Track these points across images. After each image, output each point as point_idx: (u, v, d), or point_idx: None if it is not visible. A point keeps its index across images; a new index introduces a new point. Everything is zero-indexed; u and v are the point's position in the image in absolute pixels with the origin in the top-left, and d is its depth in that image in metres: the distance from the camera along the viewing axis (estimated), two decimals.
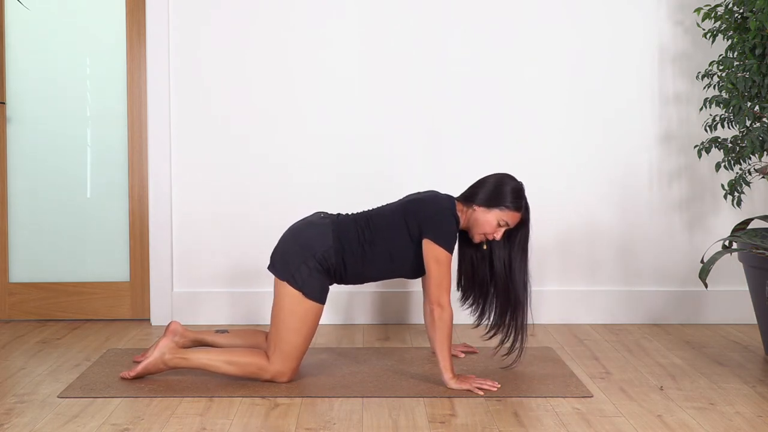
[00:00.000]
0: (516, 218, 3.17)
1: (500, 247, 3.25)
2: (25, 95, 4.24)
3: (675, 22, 4.16)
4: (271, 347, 3.12)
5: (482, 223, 3.16)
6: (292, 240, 3.16)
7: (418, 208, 3.13)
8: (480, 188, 3.20)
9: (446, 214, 3.09)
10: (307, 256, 3.10)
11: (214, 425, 2.70)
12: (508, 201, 3.15)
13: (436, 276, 3.07)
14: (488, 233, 3.17)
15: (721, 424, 2.70)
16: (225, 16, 4.16)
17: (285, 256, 3.14)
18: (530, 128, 4.18)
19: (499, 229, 3.16)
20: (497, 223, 3.15)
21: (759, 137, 3.40)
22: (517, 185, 3.19)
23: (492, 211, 3.15)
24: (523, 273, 3.24)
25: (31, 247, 4.28)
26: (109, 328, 4.11)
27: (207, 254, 4.21)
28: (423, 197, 3.17)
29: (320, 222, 3.18)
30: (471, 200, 3.19)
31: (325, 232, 3.14)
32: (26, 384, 3.16)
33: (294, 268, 3.10)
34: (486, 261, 3.30)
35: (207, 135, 4.18)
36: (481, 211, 3.16)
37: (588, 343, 3.78)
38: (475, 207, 3.17)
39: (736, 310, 4.16)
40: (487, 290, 3.34)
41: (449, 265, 3.08)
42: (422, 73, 4.16)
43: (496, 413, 2.81)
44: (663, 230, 4.21)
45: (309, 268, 3.09)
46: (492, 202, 3.15)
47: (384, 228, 3.15)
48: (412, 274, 3.23)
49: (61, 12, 4.24)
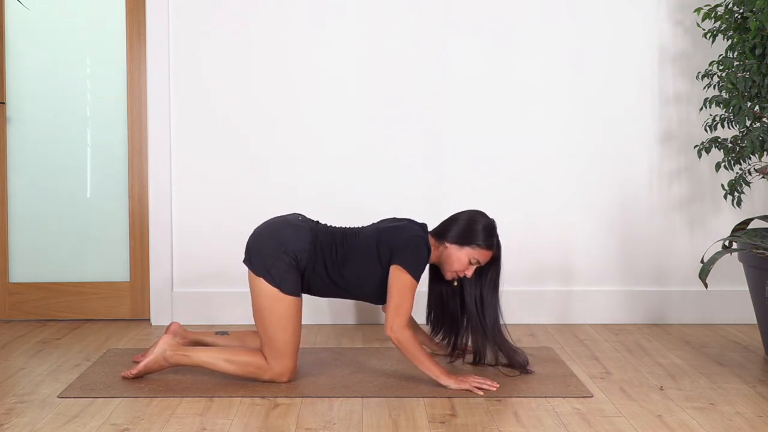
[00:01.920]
0: (487, 256, 3.17)
1: (471, 284, 3.22)
2: (25, 95, 4.24)
3: (675, 22, 4.16)
4: (265, 349, 3.13)
5: (454, 260, 3.15)
6: (268, 235, 3.15)
7: (391, 236, 3.11)
8: (452, 225, 3.19)
9: (419, 243, 3.08)
10: (282, 252, 3.09)
11: (214, 425, 2.70)
12: (480, 239, 3.14)
13: (397, 300, 3.03)
14: (459, 271, 3.16)
15: (721, 424, 2.70)
16: (225, 16, 4.16)
17: (261, 250, 3.12)
18: (530, 128, 4.18)
19: (470, 266, 3.16)
20: (468, 261, 3.15)
21: (759, 137, 3.40)
22: (489, 223, 3.18)
23: (464, 249, 3.15)
24: (494, 309, 3.22)
25: (31, 247, 4.28)
26: (109, 328, 4.11)
27: (207, 254, 4.21)
28: (398, 225, 3.17)
29: (299, 224, 3.19)
30: (443, 237, 3.18)
31: (302, 234, 3.14)
32: (26, 384, 3.16)
33: (270, 263, 3.09)
34: (457, 297, 3.29)
35: (207, 135, 4.18)
36: (453, 249, 3.15)
37: (588, 343, 3.78)
38: (447, 244, 3.16)
39: (736, 310, 4.16)
40: (458, 326, 3.33)
41: (413, 293, 3.06)
42: (422, 74, 4.16)
43: (496, 413, 2.81)
44: (663, 230, 4.21)
45: (285, 264, 3.08)
46: (464, 239, 3.15)
47: (357, 250, 3.14)
48: (377, 299, 3.22)
49: (61, 12, 4.24)
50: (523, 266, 4.20)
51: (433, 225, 4.16)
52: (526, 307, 4.19)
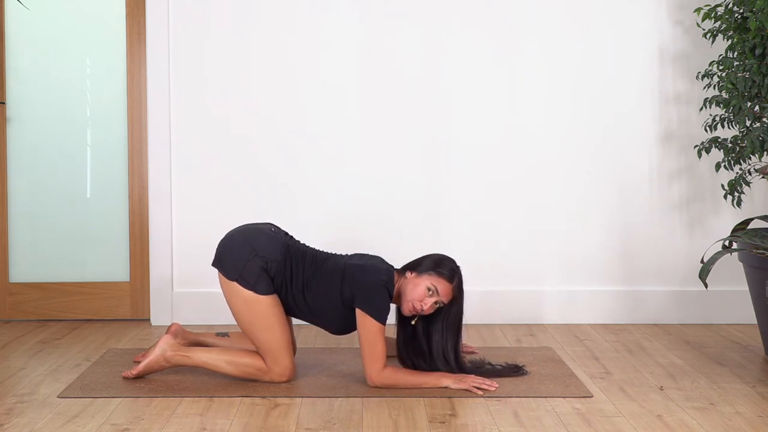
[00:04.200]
0: (447, 289, 3.07)
1: (434, 324, 3.13)
2: (25, 95, 4.24)
3: (675, 22, 4.16)
4: (260, 353, 3.13)
5: (411, 289, 3.05)
6: (241, 240, 3.15)
7: (356, 274, 3.07)
8: (420, 260, 3.15)
9: (379, 287, 3.03)
10: (255, 255, 3.08)
11: (214, 425, 2.70)
12: (444, 269, 3.08)
13: (369, 348, 3.01)
14: (416, 300, 3.04)
15: (721, 424, 2.70)
16: (225, 16, 4.15)
17: (233, 253, 3.11)
18: (530, 129, 4.18)
19: (428, 298, 3.05)
20: (426, 289, 3.05)
21: (759, 137, 3.40)
22: (455, 264, 3.13)
23: (423, 276, 3.07)
24: (455, 353, 3.13)
25: (31, 247, 4.28)
26: (109, 328, 4.11)
27: (207, 254, 4.19)
28: (364, 264, 3.11)
29: (272, 234, 3.18)
30: (407, 268, 3.14)
31: (276, 245, 3.14)
32: (26, 384, 3.16)
33: (242, 266, 3.08)
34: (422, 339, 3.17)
35: (207, 135, 4.18)
36: (413, 278, 3.08)
37: (588, 343, 3.78)
38: (407, 275, 3.11)
39: (736, 310, 4.16)
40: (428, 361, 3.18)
41: (382, 336, 3.03)
42: (422, 74, 4.16)
43: (496, 413, 2.81)
44: (663, 230, 4.20)
45: (258, 267, 3.07)
46: (425, 269, 3.09)
47: (322, 276, 3.12)
48: (336, 330, 3.21)
49: (61, 12, 4.24)
50: (523, 266, 4.20)
51: (433, 225, 4.17)
52: (526, 307, 4.19)
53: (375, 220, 4.17)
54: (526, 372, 3.23)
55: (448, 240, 4.14)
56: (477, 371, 3.15)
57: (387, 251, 3.86)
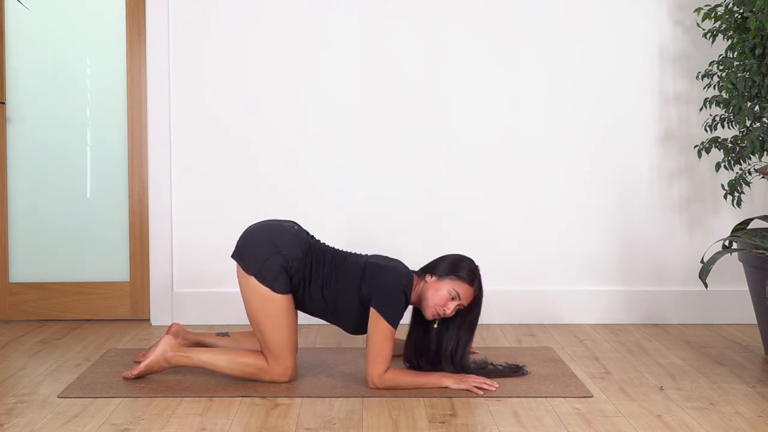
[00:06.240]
0: (469, 293, 3.08)
1: (450, 324, 3.14)
2: (25, 95, 4.24)
3: (675, 22, 4.16)
4: (264, 351, 3.13)
5: (432, 294, 3.05)
6: (264, 236, 3.14)
7: (375, 273, 3.07)
8: (437, 262, 3.15)
9: (397, 290, 3.02)
10: (276, 252, 3.08)
11: (214, 425, 2.70)
12: (463, 272, 3.07)
13: (377, 349, 3.01)
14: (439, 305, 3.04)
15: (721, 424, 2.70)
16: (225, 16, 4.15)
17: (255, 249, 3.11)
18: (531, 129, 4.18)
19: (450, 302, 3.06)
20: (448, 294, 3.05)
21: (759, 137, 3.40)
22: (473, 264, 3.13)
23: (443, 280, 3.06)
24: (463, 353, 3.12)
25: (31, 247, 4.28)
26: (109, 328, 4.11)
27: (207, 254, 4.21)
28: (385, 265, 3.11)
29: (294, 233, 3.18)
30: (425, 271, 3.13)
31: (298, 243, 3.14)
32: (26, 384, 3.16)
33: (262, 262, 3.08)
34: (432, 339, 3.17)
35: (207, 135, 4.18)
36: (433, 282, 3.07)
37: (588, 343, 3.78)
38: (428, 278, 3.10)
39: (736, 310, 4.16)
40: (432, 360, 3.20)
41: (391, 340, 3.03)
42: (423, 77, 4.16)
43: (496, 413, 2.81)
44: (663, 230, 4.20)
45: (278, 264, 3.07)
46: (445, 272, 3.08)
47: (342, 275, 3.12)
48: (354, 330, 3.20)
49: (61, 12, 4.24)
50: (523, 266, 4.20)
51: (433, 225, 4.17)
52: (526, 307, 4.19)
53: (375, 219, 4.17)
54: (526, 372, 3.23)
55: (448, 240, 4.14)
56: (480, 372, 3.16)
57: (387, 251, 3.87)
